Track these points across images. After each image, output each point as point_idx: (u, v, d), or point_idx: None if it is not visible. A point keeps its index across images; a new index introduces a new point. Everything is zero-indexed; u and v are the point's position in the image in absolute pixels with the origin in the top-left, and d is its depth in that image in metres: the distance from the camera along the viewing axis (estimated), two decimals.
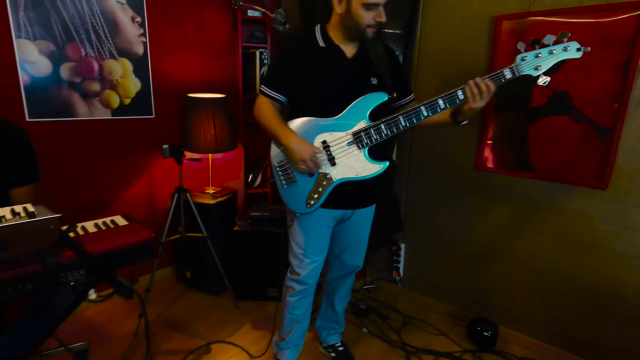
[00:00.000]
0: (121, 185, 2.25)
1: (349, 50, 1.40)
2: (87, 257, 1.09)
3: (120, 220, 1.54)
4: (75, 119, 2.01)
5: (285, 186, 1.43)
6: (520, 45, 1.24)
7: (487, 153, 1.92)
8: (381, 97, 1.35)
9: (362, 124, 1.35)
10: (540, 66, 1.23)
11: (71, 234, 1.20)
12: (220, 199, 2.31)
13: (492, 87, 1.23)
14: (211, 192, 2.40)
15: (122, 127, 2.19)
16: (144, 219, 2.37)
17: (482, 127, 1.91)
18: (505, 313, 1.99)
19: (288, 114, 1.46)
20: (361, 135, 1.34)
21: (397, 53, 1.60)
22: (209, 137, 2.18)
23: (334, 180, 1.38)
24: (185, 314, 2.18)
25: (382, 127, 1.32)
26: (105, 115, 2.12)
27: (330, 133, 1.36)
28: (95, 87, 2.06)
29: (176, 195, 2.10)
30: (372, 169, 1.36)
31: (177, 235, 2.18)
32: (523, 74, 1.24)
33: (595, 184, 1.64)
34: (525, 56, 1.23)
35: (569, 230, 1.74)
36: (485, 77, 1.24)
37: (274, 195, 2.56)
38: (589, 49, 1.21)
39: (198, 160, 2.26)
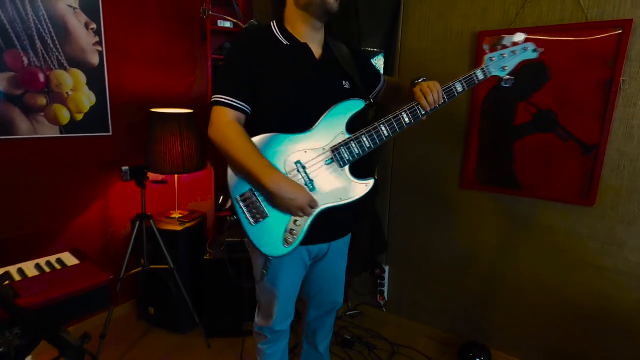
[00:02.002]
0: (71, 214, 1.96)
1: (316, 49, 1.18)
2: (21, 313, 0.86)
3: (69, 259, 1.30)
4: (14, 138, 1.73)
5: (255, 224, 1.10)
6: (486, 47, 1.25)
7: (473, 170, 1.87)
8: (358, 105, 1.15)
9: (340, 137, 1.13)
10: (506, 67, 1.24)
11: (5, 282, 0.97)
12: (188, 225, 2.08)
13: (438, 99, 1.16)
14: (178, 216, 2.17)
15: (73, 147, 1.93)
16: (99, 253, 2.08)
17: (467, 144, 1.87)
18: (495, 335, 1.92)
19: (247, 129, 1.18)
20: (341, 151, 1.12)
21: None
22: (175, 156, 1.97)
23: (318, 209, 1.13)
24: (148, 356, 1.91)
25: (364, 139, 1.13)
26: (53, 132, 1.85)
27: (304, 151, 1.11)
28: (41, 100, 1.79)
29: (138, 223, 1.86)
30: (358, 189, 1.14)
31: (139, 269, 1.92)
32: (492, 74, 1.24)
33: (582, 200, 1.63)
34: (493, 57, 1.23)
35: (558, 248, 1.71)
36: (462, 78, 1.20)
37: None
38: (542, 49, 1.25)
39: (163, 182, 2.03)
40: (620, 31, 1.47)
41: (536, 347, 1.83)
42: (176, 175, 2.14)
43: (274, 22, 1.20)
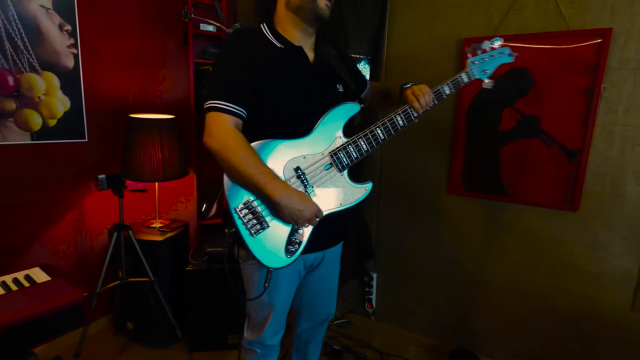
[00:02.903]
0: (43, 225, 1.85)
1: (309, 53, 1.17)
2: None
3: (39, 275, 1.22)
4: None
5: (256, 234, 1.05)
6: (468, 51, 1.29)
7: (459, 176, 1.87)
8: (354, 108, 1.15)
9: (338, 141, 1.13)
10: (487, 70, 1.29)
11: None
12: (169, 234, 2.00)
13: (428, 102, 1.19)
14: (158, 226, 2.08)
15: (45, 154, 1.82)
16: (73, 267, 1.96)
17: (453, 150, 1.87)
18: (485, 341, 1.92)
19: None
20: (340, 155, 1.12)
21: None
22: (155, 163, 1.89)
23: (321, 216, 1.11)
24: None
25: (361, 142, 1.13)
26: (23, 139, 1.75)
27: (303, 157, 1.09)
28: (10, 105, 1.69)
29: (115, 233, 1.77)
30: (357, 193, 1.15)
31: (117, 282, 1.82)
32: (475, 77, 1.28)
33: (567, 206, 1.65)
34: (475, 60, 1.28)
35: (546, 253, 1.72)
36: (448, 81, 1.24)
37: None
38: (516, 54, 1.31)
39: (143, 190, 1.95)
40: (600, 40, 1.50)
41: (524, 352, 1.83)
42: (157, 183, 2.06)
43: (264, 24, 1.15)
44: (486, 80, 1.30)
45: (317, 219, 1.07)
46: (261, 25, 1.15)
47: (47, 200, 1.85)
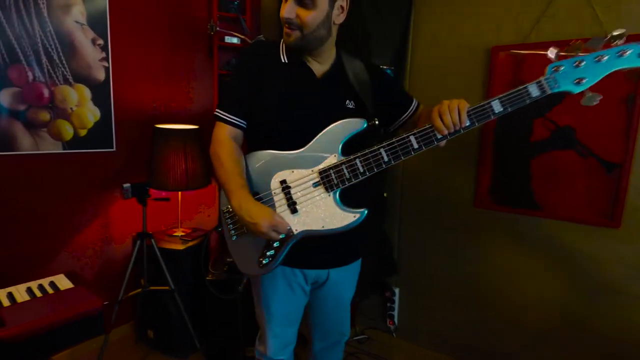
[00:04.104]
0: (71, 232, 1.90)
1: (318, 68, 1.13)
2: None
3: (63, 282, 1.23)
4: (16, 153, 1.69)
5: (235, 238, 1.12)
6: (551, 52, 0.93)
7: (487, 189, 1.79)
8: (357, 125, 1.04)
9: (331, 160, 1.04)
10: (584, 79, 0.92)
11: None
12: (190, 243, 2.01)
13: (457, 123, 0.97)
14: (180, 234, 2.10)
15: (75, 162, 1.88)
16: (98, 274, 2.01)
17: (481, 160, 1.79)
18: None
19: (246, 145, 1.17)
20: (330, 174, 1.03)
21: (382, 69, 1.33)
22: (179, 172, 1.91)
23: (295, 233, 1.04)
24: None
25: (358, 163, 1.01)
26: (55, 148, 1.82)
27: (291, 171, 1.06)
28: (44, 116, 1.76)
29: (138, 242, 1.79)
30: (344, 219, 1.03)
31: (139, 290, 1.84)
32: (557, 90, 0.94)
33: (607, 222, 1.53)
34: (560, 65, 0.92)
35: (581, 273, 1.61)
36: (503, 95, 0.96)
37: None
38: None
39: (166, 199, 1.98)
40: None
41: None
42: (179, 192, 2.09)
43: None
44: (587, 95, 0.93)
45: (280, 234, 1.01)
46: (282, 40, 1.14)
47: (75, 208, 1.91)
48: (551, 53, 0.94)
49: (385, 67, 1.93)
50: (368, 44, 1.91)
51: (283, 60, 1.12)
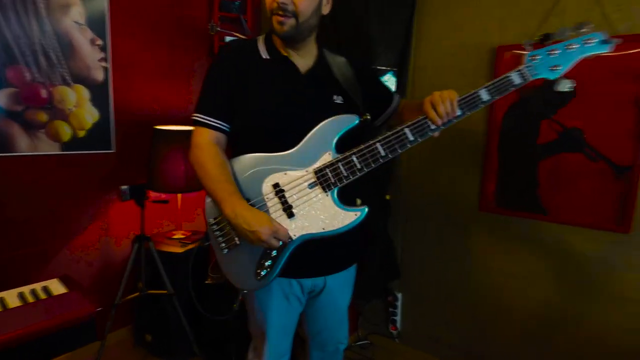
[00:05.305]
0: (68, 235, 1.87)
1: (302, 63, 1.08)
2: None
3: (56, 287, 1.21)
4: (12, 155, 1.67)
5: (226, 251, 1.03)
6: (526, 43, 1.01)
7: (492, 192, 1.75)
8: (350, 121, 1.01)
9: (326, 158, 1.00)
10: (558, 67, 0.98)
11: None
12: (190, 246, 1.98)
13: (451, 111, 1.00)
14: (179, 237, 2.07)
15: (73, 164, 1.86)
16: (95, 277, 1.98)
17: (486, 163, 1.75)
18: None
19: (229, 149, 1.11)
20: (326, 173, 0.99)
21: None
22: (178, 174, 1.89)
23: (293, 238, 0.99)
24: None
25: (354, 159, 0.98)
26: (53, 149, 1.79)
27: (284, 173, 1.00)
28: (42, 117, 1.74)
29: (136, 245, 1.76)
30: (345, 218, 0.99)
31: (136, 294, 1.81)
32: (536, 77, 1.00)
33: (616, 227, 1.49)
34: (536, 54, 0.99)
35: (589, 279, 1.56)
36: (489, 84, 1.00)
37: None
38: (620, 41, 0.96)
39: (165, 202, 1.95)
40: None
41: None
42: (179, 194, 2.06)
43: (263, 36, 1.12)
44: (561, 82, 0.99)
45: (280, 241, 0.96)
46: (258, 38, 1.12)
47: (72, 209, 1.88)
48: (526, 44, 1.02)
49: (388, 68, 1.90)
50: (371, 46, 1.88)
51: (265, 57, 1.07)
